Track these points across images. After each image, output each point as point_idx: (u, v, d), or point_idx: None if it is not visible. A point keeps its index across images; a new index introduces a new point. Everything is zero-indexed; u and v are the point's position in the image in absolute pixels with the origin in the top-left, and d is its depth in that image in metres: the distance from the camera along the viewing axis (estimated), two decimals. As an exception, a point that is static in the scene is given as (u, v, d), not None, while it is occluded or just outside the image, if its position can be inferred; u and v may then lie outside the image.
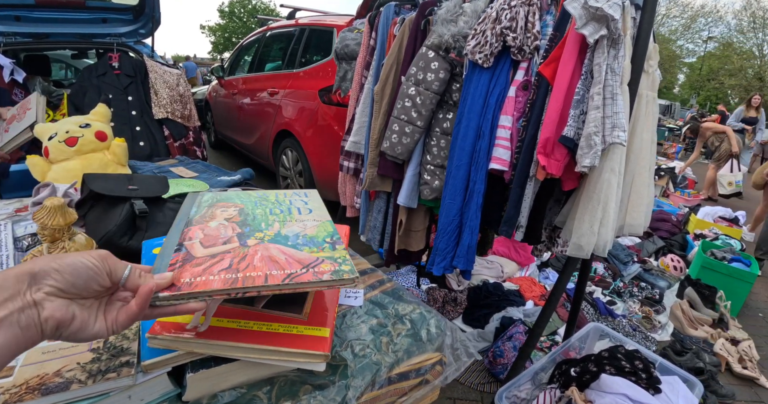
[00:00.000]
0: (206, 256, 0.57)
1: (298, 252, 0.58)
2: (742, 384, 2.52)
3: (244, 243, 0.61)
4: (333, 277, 0.53)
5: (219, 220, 0.67)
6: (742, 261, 3.39)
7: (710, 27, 28.47)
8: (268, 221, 0.67)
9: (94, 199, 1.20)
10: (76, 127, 1.67)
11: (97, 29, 3.52)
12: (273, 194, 0.80)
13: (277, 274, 0.53)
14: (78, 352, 0.61)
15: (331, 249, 0.60)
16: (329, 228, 0.66)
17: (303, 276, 0.53)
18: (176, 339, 0.55)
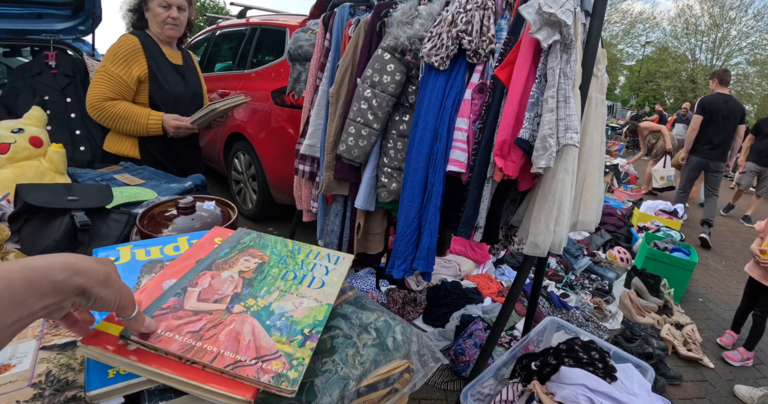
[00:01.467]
0: (190, 311, 0.60)
1: (266, 337, 0.59)
2: (687, 365, 2.68)
3: (231, 307, 0.63)
4: (271, 382, 0.53)
5: (232, 271, 0.70)
6: (682, 251, 3.61)
7: (648, 32, 30.30)
8: (271, 287, 0.69)
9: (30, 211, 1.11)
10: (8, 132, 1.54)
11: (31, 25, 3.29)
12: (305, 252, 0.80)
13: (227, 357, 0.54)
14: (17, 389, 0.55)
15: (298, 345, 0.59)
16: (319, 317, 0.65)
17: (245, 369, 0.53)
18: (107, 356, 0.52)
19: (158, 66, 1.95)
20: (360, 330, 0.69)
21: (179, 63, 2.06)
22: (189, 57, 2.16)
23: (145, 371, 0.52)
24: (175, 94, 2.00)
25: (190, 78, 2.10)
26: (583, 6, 1.30)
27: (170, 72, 2.00)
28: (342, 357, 0.63)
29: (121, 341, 0.53)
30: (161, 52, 1.98)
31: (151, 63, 1.93)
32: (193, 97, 2.10)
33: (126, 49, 1.89)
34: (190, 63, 2.16)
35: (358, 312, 0.73)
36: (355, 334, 0.68)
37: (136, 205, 1.37)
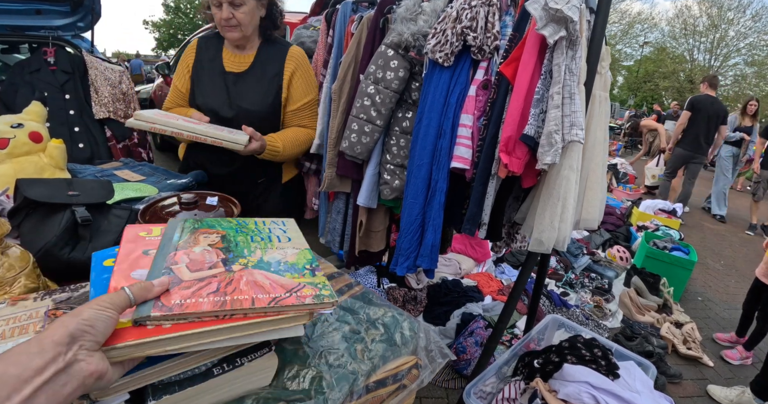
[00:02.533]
0: (194, 280, 0.59)
1: (281, 278, 0.61)
2: (687, 363, 2.69)
3: (229, 268, 0.63)
4: (315, 301, 0.57)
5: (203, 246, 0.69)
6: (681, 250, 3.61)
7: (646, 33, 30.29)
8: (251, 248, 0.70)
9: (30, 206, 1.10)
10: (7, 127, 1.52)
11: (30, 21, 3.26)
12: (252, 222, 0.81)
13: (263, 298, 0.56)
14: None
15: (311, 275, 0.63)
16: (308, 256, 0.70)
17: (287, 300, 0.56)
18: (140, 343, 0.50)
19: (200, 73, 1.66)
20: (368, 326, 0.69)
21: (239, 70, 1.63)
22: (268, 62, 1.64)
23: (194, 336, 0.51)
24: (209, 107, 1.62)
25: (242, 89, 1.63)
26: (587, 3, 1.30)
27: (213, 81, 1.64)
28: (351, 352, 0.62)
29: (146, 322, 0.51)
30: (218, 56, 1.65)
31: (197, 69, 1.67)
32: (238, 113, 1.61)
33: (184, 55, 1.72)
34: (264, 70, 1.63)
35: (365, 307, 0.73)
36: (363, 329, 0.67)
37: (137, 201, 1.36)
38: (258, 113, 1.62)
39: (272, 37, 1.67)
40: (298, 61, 1.66)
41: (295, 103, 1.68)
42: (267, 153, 1.57)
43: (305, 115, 1.72)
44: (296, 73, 1.65)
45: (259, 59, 1.64)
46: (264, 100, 1.63)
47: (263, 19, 1.61)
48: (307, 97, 1.69)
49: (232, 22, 1.52)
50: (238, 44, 1.62)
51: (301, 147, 1.71)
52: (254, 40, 1.64)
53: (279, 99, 1.65)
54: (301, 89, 1.67)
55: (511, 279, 3.13)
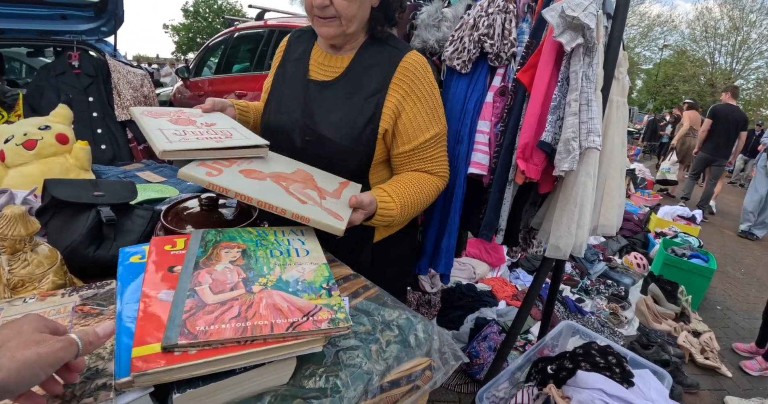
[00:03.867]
0: (216, 303, 0.61)
1: (299, 300, 0.64)
2: (704, 373, 2.64)
3: (249, 289, 0.65)
4: (330, 326, 0.60)
5: (224, 263, 0.71)
6: (700, 258, 3.55)
7: (665, 35, 29.89)
8: (270, 265, 0.72)
9: (57, 206, 1.13)
10: (35, 129, 1.58)
11: (56, 26, 3.36)
12: (272, 233, 0.83)
13: (281, 323, 0.58)
14: None
15: (327, 296, 0.66)
16: (325, 273, 0.72)
17: (304, 325, 0.59)
18: (168, 369, 0.53)
19: (280, 80, 1.26)
20: (383, 327, 0.70)
21: (326, 78, 1.17)
22: (369, 71, 1.13)
23: (218, 362, 0.54)
24: (282, 129, 1.20)
25: (323, 107, 1.15)
26: (604, 9, 1.30)
27: (291, 91, 1.21)
28: (366, 353, 0.64)
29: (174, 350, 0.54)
30: (304, 56, 1.22)
31: (279, 75, 1.27)
32: (310, 143, 1.15)
33: (276, 54, 1.34)
34: (359, 82, 1.13)
35: (380, 309, 0.74)
36: (378, 331, 0.69)
37: (158, 202, 1.39)
38: (337, 145, 1.11)
39: (382, 36, 1.15)
40: (415, 76, 1.10)
41: (408, 141, 1.13)
42: (377, 220, 1.05)
43: (428, 155, 1.16)
44: (411, 95, 1.10)
45: (357, 65, 1.14)
46: (351, 127, 1.11)
47: (375, 9, 1.10)
48: (428, 132, 1.13)
49: (328, 12, 1.03)
50: (335, 44, 1.15)
51: (425, 206, 1.17)
52: (357, 38, 1.15)
53: (374, 129, 1.11)
54: (419, 120, 1.12)
55: (526, 284, 3.11)
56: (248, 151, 0.96)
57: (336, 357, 0.62)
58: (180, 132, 0.92)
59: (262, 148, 0.98)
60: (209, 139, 0.92)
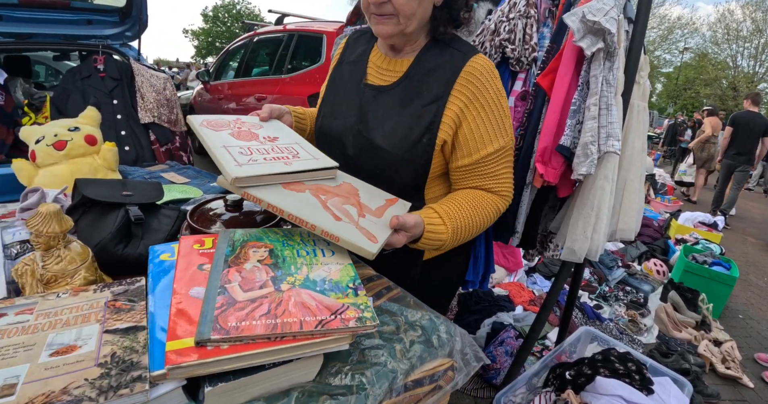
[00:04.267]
0: (247, 300, 0.63)
1: (326, 299, 0.65)
2: (725, 383, 2.59)
3: (278, 287, 0.67)
4: (358, 324, 0.61)
5: (252, 262, 0.72)
6: (722, 265, 3.48)
7: (686, 38, 29.38)
8: (297, 264, 0.73)
9: (86, 205, 1.17)
10: (65, 130, 1.63)
11: (82, 31, 3.45)
12: (297, 234, 0.85)
13: (310, 321, 0.60)
14: (84, 368, 0.58)
15: (354, 295, 0.67)
16: (351, 273, 0.73)
17: (332, 323, 0.60)
18: (202, 363, 0.54)
19: (336, 83, 1.20)
20: (406, 327, 0.71)
21: (383, 82, 1.09)
22: (430, 76, 1.04)
23: (249, 357, 0.56)
24: (334, 136, 1.14)
25: (378, 113, 1.07)
26: (626, 13, 1.30)
27: (347, 95, 1.15)
28: (390, 352, 0.65)
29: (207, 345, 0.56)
30: (363, 58, 1.16)
31: (335, 76, 1.22)
32: (362, 151, 1.09)
33: (335, 53, 1.28)
34: (418, 88, 1.04)
35: (403, 309, 0.75)
36: (401, 331, 0.70)
37: (183, 202, 1.43)
38: (391, 156, 1.04)
39: (445, 38, 1.05)
40: (479, 82, 1.00)
41: (469, 154, 1.03)
42: (423, 243, 0.96)
43: (490, 171, 1.04)
44: (474, 103, 1.00)
45: (417, 69, 1.05)
46: (406, 137, 1.02)
47: (438, 8, 1.01)
48: (492, 145, 1.02)
49: (386, 9, 0.96)
50: (394, 44, 1.07)
51: (482, 228, 1.06)
52: (418, 40, 1.07)
53: (431, 140, 1.02)
54: (481, 131, 1.01)
55: (543, 289, 3.09)
56: (317, 174, 0.90)
57: (361, 356, 0.63)
58: (245, 150, 0.87)
59: (330, 170, 0.93)
60: (276, 158, 0.87)
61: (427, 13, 1.00)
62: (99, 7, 3.54)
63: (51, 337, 0.62)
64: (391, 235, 0.87)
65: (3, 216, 1.30)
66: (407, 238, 0.90)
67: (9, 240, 1.12)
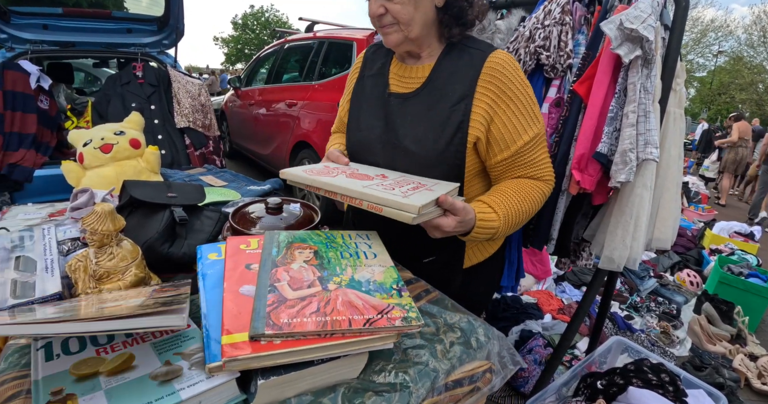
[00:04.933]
0: (297, 299, 0.65)
1: (372, 299, 0.68)
2: (761, 400, 2.50)
3: (325, 287, 0.69)
4: (404, 323, 0.63)
5: (299, 262, 0.75)
6: (759, 277, 3.37)
7: (720, 41, 28.43)
8: (341, 265, 0.76)
9: (133, 205, 1.22)
10: (111, 134, 1.71)
11: (121, 39, 3.60)
12: (339, 236, 0.87)
13: (358, 319, 0.62)
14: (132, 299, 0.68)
15: (398, 296, 0.69)
16: (394, 275, 0.75)
17: (379, 322, 0.63)
18: (257, 356, 0.57)
19: (360, 97, 1.22)
20: (446, 328, 0.73)
21: (407, 90, 1.11)
22: (452, 78, 1.06)
23: (300, 352, 0.59)
24: (363, 146, 1.17)
25: (405, 119, 1.09)
26: (662, 20, 1.29)
27: (371, 107, 1.17)
28: (432, 352, 0.67)
29: (261, 339, 0.59)
30: (383, 71, 1.18)
31: (357, 91, 1.23)
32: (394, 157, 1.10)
33: (351, 69, 1.30)
34: (443, 91, 1.06)
35: (442, 311, 0.77)
36: (441, 332, 0.72)
37: (222, 204, 1.48)
38: (423, 160, 1.05)
39: (459, 40, 1.08)
40: (504, 76, 1.01)
41: (506, 147, 1.04)
42: (476, 234, 0.96)
43: (529, 159, 1.06)
44: (502, 97, 1.02)
45: (438, 73, 1.07)
46: (436, 138, 1.04)
47: (441, 10, 1.04)
48: (527, 134, 1.03)
49: (386, 20, 1.01)
50: (409, 51, 1.10)
51: (531, 213, 1.06)
52: (433, 45, 1.09)
53: (463, 139, 1.04)
54: (514, 123, 1.03)
55: (572, 298, 3.04)
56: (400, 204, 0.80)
57: (404, 355, 0.65)
58: (388, 186, 0.86)
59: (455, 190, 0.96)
60: (414, 189, 0.86)
61: (429, 17, 1.03)
62: (138, 16, 3.70)
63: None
64: (440, 217, 0.88)
65: (52, 215, 1.36)
66: (456, 223, 0.89)
67: (61, 237, 1.18)
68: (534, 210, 1.06)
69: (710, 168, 8.89)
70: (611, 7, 1.27)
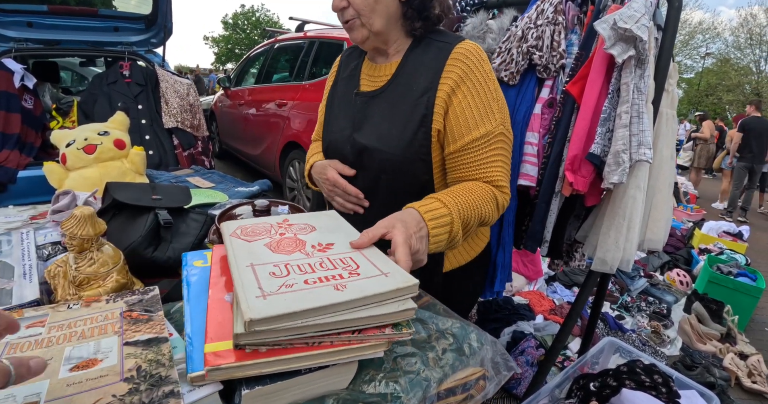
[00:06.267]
0: None
1: None
2: (752, 398, 2.52)
3: None
4: (394, 331, 0.59)
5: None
6: (747, 276, 3.40)
7: (708, 43, 28.85)
8: None
9: (116, 208, 1.18)
10: (95, 134, 1.66)
11: (108, 37, 3.54)
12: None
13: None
14: (110, 383, 0.55)
15: None
16: None
17: (368, 331, 0.59)
18: (241, 365, 0.54)
19: (333, 99, 1.21)
20: (438, 335, 0.71)
21: (372, 87, 1.10)
22: (417, 72, 1.02)
23: (287, 361, 0.55)
24: (335, 148, 1.15)
25: (368, 118, 1.08)
26: (655, 20, 1.28)
27: (342, 108, 1.16)
28: (423, 360, 0.64)
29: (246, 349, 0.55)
30: (356, 72, 1.16)
31: (332, 94, 1.22)
32: (359, 156, 1.08)
33: (330, 73, 1.28)
34: (407, 86, 1.03)
35: (434, 317, 0.75)
36: (433, 339, 0.70)
37: (209, 206, 1.45)
38: (389, 156, 1.02)
39: (424, 34, 1.05)
40: (466, 65, 0.97)
41: (455, 139, 0.98)
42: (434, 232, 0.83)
43: (478, 159, 0.98)
44: (461, 85, 0.97)
45: (403, 70, 1.04)
46: (401, 135, 1.00)
47: (404, 4, 1.01)
48: (477, 129, 0.97)
49: (348, 14, 0.99)
50: (374, 48, 1.08)
51: (484, 214, 0.94)
52: (399, 41, 1.06)
53: (427, 133, 0.99)
54: (466, 114, 0.97)
55: (564, 298, 3.05)
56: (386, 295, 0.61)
57: (394, 364, 0.63)
58: (280, 269, 0.65)
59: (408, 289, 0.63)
60: (324, 279, 0.62)
61: (391, 10, 1.00)
62: (125, 14, 3.64)
63: (68, 351, 0.59)
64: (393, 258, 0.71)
65: (34, 218, 1.32)
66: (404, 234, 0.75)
67: (41, 241, 1.13)
68: (487, 212, 0.95)
69: (683, 156, 9.64)
70: (604, 7, 1.26)
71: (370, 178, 1.06)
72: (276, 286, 0.59)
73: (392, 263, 0.69)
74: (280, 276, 0.62)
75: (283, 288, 0.58)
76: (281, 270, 0.64)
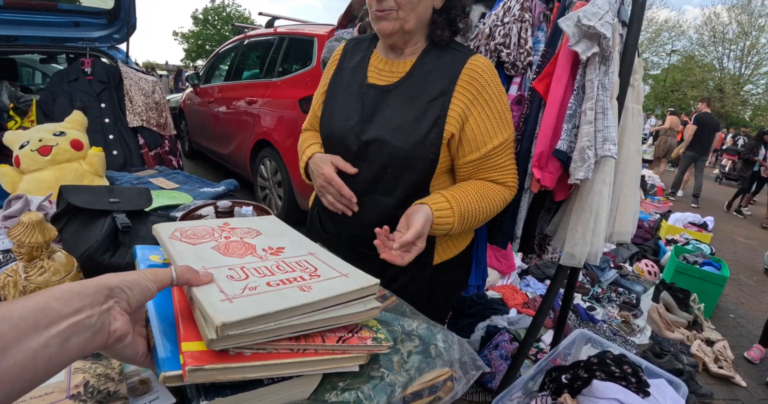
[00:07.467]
0: None
1: None
2: (718, 383, 2.61)
3: None
4: (374, 343, 0.61)
5: None
6: (712, 265, 3.52)
7: (673, 41, 29.80)
8: None
9: (72, 212, 1.13)
10: (50, 135, 1.59)
11: (69, 33, 3.40)
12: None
13: (331, 336, 0.58)
14: (55, 401, 0.52)
15: None
16: None
17: (351, 340, 0.59)
18: (225, 368, 0.51)
19: (336, 88, 1.20)
20: (403, 337, 0.69)
21: (386, 82, 1.12)
22: (432, 75, 1.08)
23: (273, 367, 0.54)
24: (337, 137, 1.14)
25: (382, 110, 1.09)
26: (620, 17, 1.29)
27: (347, 98, 1.15)
28: (387, 364, 0.63)
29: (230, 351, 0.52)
30: (363, 63, 1.17)
31: (334, 83, 1.21)
32: (367, 146, 1.08)
33: (328, 64, 1.28)
34: (422, 85, 1.08)
35: (399, 319, 0.74)
36: (398, 341, 0.68)
37: (172, 208, 1.40)
38: (398, 151, 1.05)
39: (443, 41, 1.10)
40: (482, 79, 1.05)
41: (476, 148, 1.07)
42: (434, 229, 0.99)
43: (496, 163, 1.09)
44: (478, 99, 1.05)
45: (419, 69, 1.09)
46: (412, 131, 1.05)
47: (437, 12, 1.07)
48: (496, 138, 1.07)
49: (387, 4, 1.00)
50: (394, 44, 1.10)
51: (489, 216, 1.09)
52: (418, 44, 1.11)
53: (439, 134, 1.05)
54: (486, 126, 1.06)
55: (537, 291, 3.09)
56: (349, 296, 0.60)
57: (358, 369, 0.61)
58: (237, 272, 0.62)
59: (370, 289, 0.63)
60: (287, 282, 0.61)
61: (427, 14, 1.06)
62: (86, 9, 3.49)
63: None
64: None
65: (-14, 224, 1.26)
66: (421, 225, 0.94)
67: (-8, 249, 1.08)
68: (492, 213, 1.09)
69: (647, 151, 10.53)
70: (569, 4, 1.26)
71: (375, 170, 1.09)
72: (239, 289, 0.57)
73: (348, 265, 0.70)
74: (239, 279, 0.60)
75: (247, 290, 0.57)
76: (238, 274, 0.62)
